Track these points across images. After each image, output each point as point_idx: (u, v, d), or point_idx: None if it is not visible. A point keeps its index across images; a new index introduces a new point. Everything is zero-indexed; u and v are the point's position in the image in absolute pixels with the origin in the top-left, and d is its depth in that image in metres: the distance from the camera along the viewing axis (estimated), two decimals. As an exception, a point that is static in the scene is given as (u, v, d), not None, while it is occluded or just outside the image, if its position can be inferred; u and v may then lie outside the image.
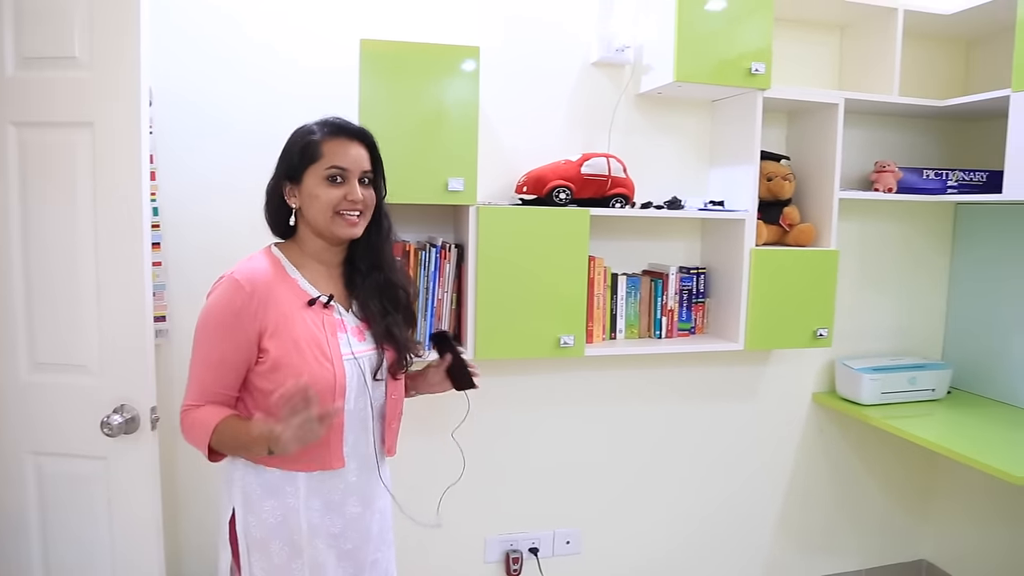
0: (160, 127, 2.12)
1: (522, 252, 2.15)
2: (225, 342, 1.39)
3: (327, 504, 1.48)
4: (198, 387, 1.43)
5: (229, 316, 1.38)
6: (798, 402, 2.82)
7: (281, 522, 1.44)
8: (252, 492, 1.44)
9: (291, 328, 1.41)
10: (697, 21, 2.20)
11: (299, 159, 1.46)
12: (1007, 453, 2.21)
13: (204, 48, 2.14)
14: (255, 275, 1.42)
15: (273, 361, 1.39)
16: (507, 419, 2.49)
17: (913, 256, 2.87)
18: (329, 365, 1.42)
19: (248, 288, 1.39)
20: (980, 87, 2.72)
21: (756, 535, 2.85)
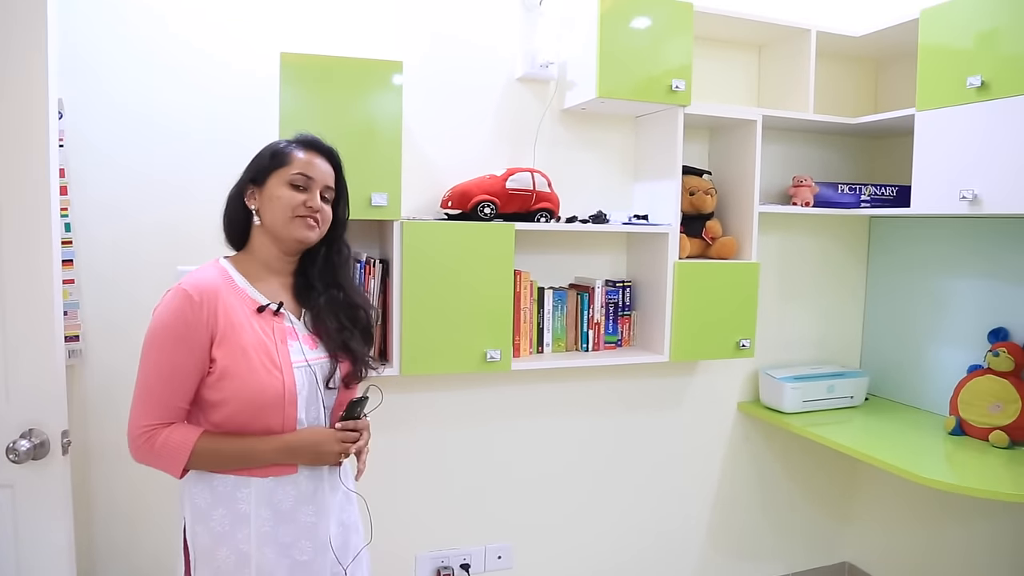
0: (73, 139, 2.05)
1: (447, 267, 2.15)
2: (178, 353, 1.37)
3: (277, 513, 1.44)
4: (156, 403, 1.39)
5: (180, 326, 1.37)
6: (723, 412, 2.88)
7: (229, 530, 1.42)
8: (202, 502, 1.42)
9: (238, 336, 1.40)
10: (619, 39, 2.25)
11: (268, 162, 1.49)
12: (921, 457, 2.30)
13: (121, 57, 2.08)
14: (202, 284, 1.41)
15: (221, 370, 1.38)
16: (436, 435, 2.47)
17: (831, 268, 2.98)
18: (278, 373, 1.41)
19: (196, 297, 1.38)
20: (889, 106, 2.85)
21: (685, 543, 2.89)
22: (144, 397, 1.39)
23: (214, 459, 1.40)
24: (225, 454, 1.40)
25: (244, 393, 1.38)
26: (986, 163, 2.12)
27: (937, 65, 2.26)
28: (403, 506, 2.45)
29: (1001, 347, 2.39)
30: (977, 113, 2.14)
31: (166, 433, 1.38)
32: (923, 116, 2.32)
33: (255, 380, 1.38)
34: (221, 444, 1.40)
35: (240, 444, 1.40)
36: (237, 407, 1.39)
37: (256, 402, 1.39)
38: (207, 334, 1.38)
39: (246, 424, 1.41)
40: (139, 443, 1.39)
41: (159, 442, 1.37)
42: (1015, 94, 2.03)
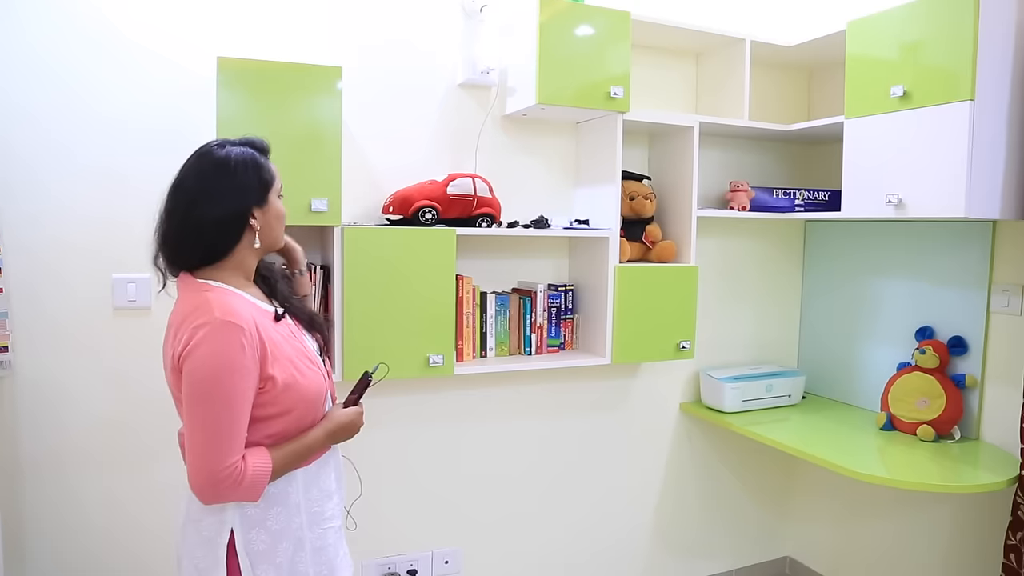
0: (21, 147, 2.01)
1: (389, 272, 2.15)
2: (245, 386, 1.36)
3: (322, 491, 1.54)
4: (235, 439, 1.36)
5: (240, 358, 1.35)
6: (666, 412, 2.93)
7: (285, 525, 1.47)
8: (253, 510, 1.44)
9: (281, 349, 1.45)
10: (558, 46, 2.28)
11: (259, 183, 1.48)
12: (854, 452, 2.38)
13: (50, 57, 2.03)
14: (239, 311, 1.38)
15: (282, 384, 1.41)
16: (380, 440, 2.47)
17: (769, 270, 3.06)
18: (317, 369, 1.52)
19: (245, 325, 1.36)
20: (821, 113, 2.95)
21: (633, 543, 2.93)
22: (220, 438, 1.34)
23: (282, 469, 1.44)
24: (289, 460, 1.45)
25: (304, 398, 1.46)
26: (909, 169, 2.21)
27: (863, 75, 2.35)
28: (348, 513, 2.43)
29: (927, 345, 2.49)
30: (900, 121, 2.23)
31: (250, 465, 1.37)
32: (851, 124, 2.40)
33: (308, 383, 1.47)
34: (286, 452, 1.44)
35: (296, 447, 1.46)
36: (299, 412, 1.46)
37: (312, 402, 1.49)
38: (258, 358, 1.39)
39: (301, 424, 1.48)
40: (227, 484, 1.34)
41: (248, 475, 1.36)
42: (934, 103, 2.12)
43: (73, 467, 2.13)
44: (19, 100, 2.02)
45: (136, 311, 2.16)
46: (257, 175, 1.48)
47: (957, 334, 2.48)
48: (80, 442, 2.13)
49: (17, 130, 2.02)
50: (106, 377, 2.15)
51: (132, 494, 2.20)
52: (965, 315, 2.47)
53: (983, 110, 2.04)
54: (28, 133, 2.03)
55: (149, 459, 2.19)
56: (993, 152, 2.08)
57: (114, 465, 2.17)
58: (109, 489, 2.17)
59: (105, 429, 2.16)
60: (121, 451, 2.18)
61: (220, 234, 1.45)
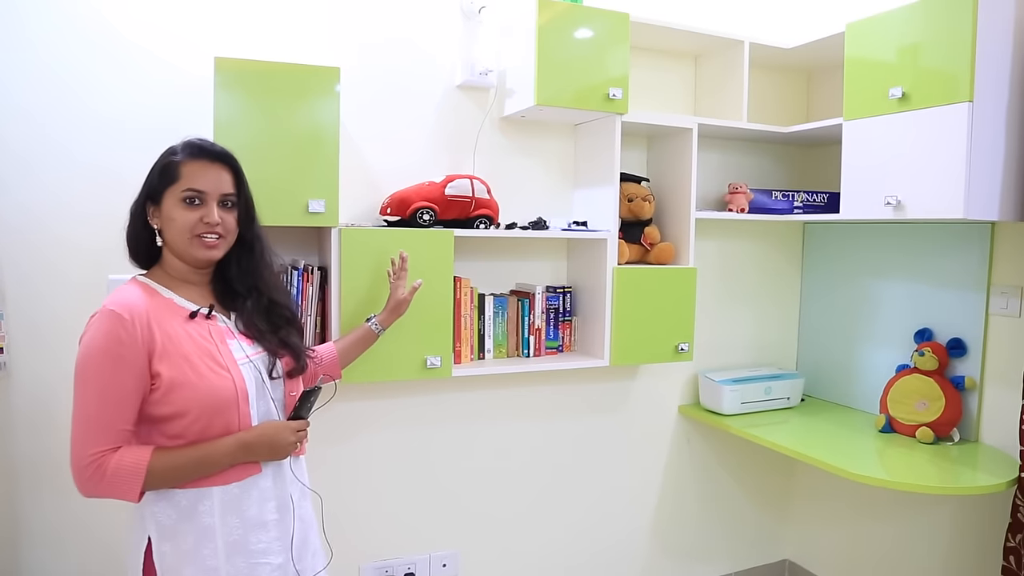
0: (20, 146, 2.01)
1: (386, 274, 2.14)
2: (117, 375, 1.32)
3: (244, 520, 1.43)
4: (100, 429, 1.33)
5: (114, 346, 1.32)
6: (665, 415, 2.92)
7: (193, 547, 1.39)
8: (166, 519, 1.39)
9: (178, 345, 1.39)
10: (557, 48, 2.27)
11: (159, 180, 1.45)
12: (853, 454, 2.37)
13: (48, 51, 2.03)
14: (128, 301, 1.37)
15: (168, 382, 1.35)
16: (377, 443, 2.46)
17: (767, 273, 3.05)
18: (226, 373, 1.42)
19: (127, 315, 1.34)
20: (820, 115, 2.94)
21: (631, 546, 2.92)
22: (86, 425, 1.33)
23: (171, 474, 1.36)
24: (182, 466, 1.37)
25: (198, 399, 1.37)
26: (908, 171, 2.20)
27: (862, 77, 2.35)
28: (346, 516, 2.42)
29: (926, 347, 2.49)
30: (899, 123, 2.22)
31: (116, 458, 1.32)
32: (850, 125, 2.40)
33: (206, 385, 1.38)
34: (176, 456, 1.37)
35: (195, 452, 1.38)
36: (194, 415, 1.37)
37: (211, 406, 1.39)
38: (144, 351, 1.34)
39: (204, 431, 1.39)
40: (88, 473, 1.32)
41: (111, 468, 1.32)
42: (933, 105, 2.12)
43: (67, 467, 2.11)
44: (17, 98, 2.01)
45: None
46: (159, 172, 1.45)
47: (956, 336, 2.47)
48: (76, 444, 2.12)
49: (13, 127, 2.01)
50: (102, 379, 2.13)
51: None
52: (964, 317, 2.46)
53: (982, 111, 2.04)
54: (25, 130, 2.02)
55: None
56: (992, 153, 2.08)
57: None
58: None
59: (101, 431, 2.14)
60: (117, 453, 2.16)
61: (130, 227, 1.49)
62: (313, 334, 2.16)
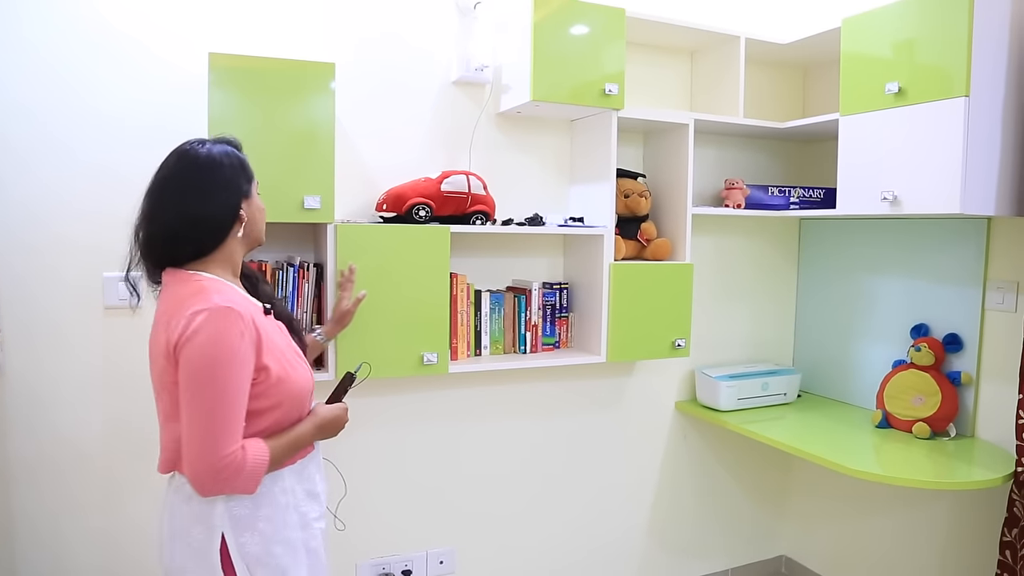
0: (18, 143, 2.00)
1: (382, 270, 2.13)
2: (243, 373, 1.36)
3: (307, 491, 1.54)
4: (234, 428, 1.35)
5: (239, 343, 1.35)
6: (662, 411, 2.92)
7: (279, 526, 1.46)
8: (242, 510, 1.41)
9: (275, 340, 1.47)
10: (553, 43, 2.27)
11: (244, 176, 1.52)
12: (850, 450, 2.37)
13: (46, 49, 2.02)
14: (233, 298, 1.40)
15: (276, 376, 1.42)
16: (374, 440, 2.45)
17: (764, 268, 3.05)
18: (305, 365, 1.55)
19: (243, 312, 1.37)
20: (817, 111, 2.94)
21: (628, 541, 2.92)
22: (219, 425, 1.33)
23: (276, 461, 1.43)
24: (283, 452, 1.45)
25: (292, 392, 1.46)
26: (904, 166, 2.20)
27: (858, 72, 2.34)
28: (342, 514, 2.40)
29: (922, 342, 2.49)
30: (895, 118, 2.22)
31: (250, 453, 1.36)
32: (846, 120, 2.39)
33: (298, 377, 1.48)
34: (280, 443, 1.44)
35: (288, 439, 1.46)
36: (289, 406, 1.46)
37: (301, 397, 1.49)
38: (254, 348, 1.39)
39: (289, 419, 1.48)
40: (227, 473, 1.33)
41: (248, 464, 1.35)
42: (929, 100, 2.12)
43: (65, 467, 2.11)
44: (15, 95, 1.99)
45: (127, 310, 2.14)
46: (243, 170, 1.52)
47: (952, 331, 2.48)
48: (72, 442, 2.11)
49: (12, 124, 2.00)
50: (97, 376, 2.13)
51: (127, 495, 2.18)
52: (960, 312, 2.46)
53: (978, 106, 2.04)
54: (23, 128, 2.01)
55: (143, 458, 2.17)
56: (988, 148, 2.07)
57: (108, 465, 2.16)
58: (103, 489, 2.16)
59: (97, 429, 2.14)
60: (114, 451, 2.16)
61: (212, 229, 1.46)
62: (310, 331, 2.15)
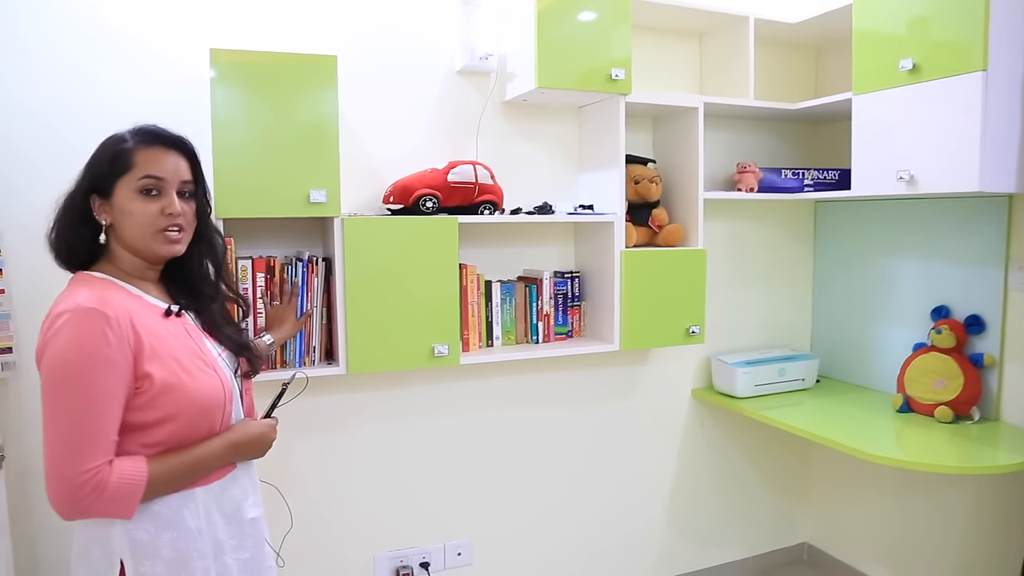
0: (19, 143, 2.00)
1: (391, 263, 2.12)
2: (108, 379, 1.20)
3: (226, 516, 1.39)
4: (95, 441, 1.19)
5: (102, 347, 1.19)
6: (678, 398, 2.89)
7: (184, 553, 1.30)
8: (143, 534, 1.27)
9: (166, 344, 1.29)
10: (557, 29, 2.24)
11: (109, 169, 1.32)
12: (870, 435, 2.34)
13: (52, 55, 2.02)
14: (107, 298, 1.23)
15: (160, 385, 1.25)
16: (389, 433, 2.44)
17: (779, 252, 3.01)
18: (214, 373, 1.36)
19: (109, 313, 1.21)
20: (830, 91, 2.88)
21: (646, 531, 2.90)
22: (76, 438, 1.18)
23: (167, 483, 1.27)
24: (177, 473, 1.28)
25: (192, 402, 1.29)
26: (920, 144, 2.15)
27: (871, 49, 2.29)
28: (358, 507, 2.42)
29: (943, 324, 2.44)
30: (910, 95, 2.17)
31: (116, 471, 1.20)
32: (859, 100, 2.34)
33: (198, 386, 1.30)
34: (170, 463, 1.27)
35: (189, 457, 1.30)
36: (185, 419, 1.29)
37: (203, 408, 1.32)
38: (130, 352, 1.23)
39: (191, 434, 1.31)
40: (84, 492, 1.17)
41: (112, 484, 1.19)
42: (945, 76, 2.06)
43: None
44: (19, 98, 1.99)
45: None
46: (109, 160, 1.32)
47: (974, 312, 2.42)
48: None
49: (17, 127, 2.00)
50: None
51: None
52: (982, 293, 2.41)
53: (996, 80, 1.98)
54: (29, 130, 2.01)
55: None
56: (1007, 124, 2.02)
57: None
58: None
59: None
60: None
61: (63, 224, 1.34)
62: (320, 326, 2.15)
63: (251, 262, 2.04)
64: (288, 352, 2.11)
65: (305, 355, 2.13)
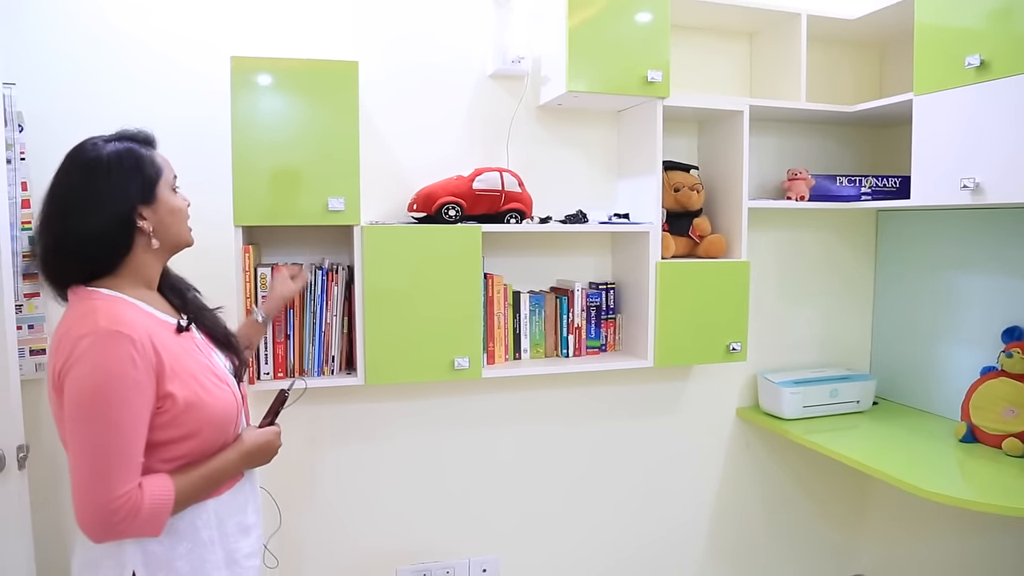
0: (36, 152, 2.03)
1: (412, 272, 2.07)
2: (137, 403, 1.21)
3: (237, 526, 1.40)
4: (128, 465, 1.20)
5: (131, 371, 1.19)
6: (721, 418, 2.74)
7: (199, 564, 1.32)
8: (158, 547, 1.28)
9: (183, 363, 1.30)
10: (590, 30, 2.14)
11: (144, 178, 1.34)
12: (928, 467, 2.15)
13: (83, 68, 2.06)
14: (128, 318, 1.24)
15: (184, 403, 1.26)
16: (413, 444, 2.40)
17: (836, 265, 2.82)
18: (227, 387, 1.37)
19: (134, 335, 1.21)
20: (896, 92, 2.67)
21: (686, 556, 2.76)
22: (112, 462, 1.19)
23: (189, 498, 1.29)
24: (199, 487, 1.30)
25: (212, 419, 1.31)
26: (987, 149, 1.96)
27: (935, 45, 2.11)
28: (380, 518, 2.38)
29: (1015, 347, 2.22)
30: (977, 95, 1.98)
31: (147, 494, 1.21)
32: (921, 100, 2.16)
33: (215, 402, 1.32)
34: (193, 478, 1.29)
35: (205, 472, 1.31)
36: (209, 434, 1.32)
37: (223, 422, 1.34)
38: (154, 373, 1.23)
39: (208, 448, 1.33)
40: (119, 518, 1.18)
41: (145, 505, 1.20)
42: (1016, 73, 1.87)
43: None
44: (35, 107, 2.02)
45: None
46: (138, 170, 1.33)
47: (1050, 335, 2.20)
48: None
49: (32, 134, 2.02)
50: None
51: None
52: (1059, 313, 2.18)
53: (1073, 78, 1.78)
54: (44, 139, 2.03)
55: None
56: (1085, 127, 1.81)
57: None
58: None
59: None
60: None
61: (104, 245, 1.30)
62: (340, 335, 2.12)
63: (270, 270, 2.03)
64: (307, 361, 2.09)
65: (324, 364, 2.11)
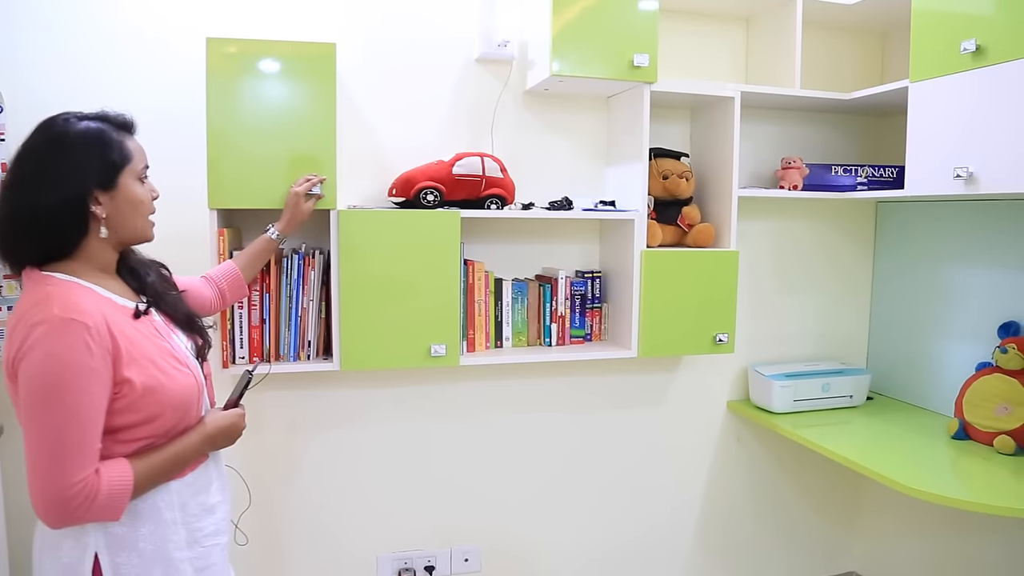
0: (15, 133, 2.02)
1: (389, 257, 2.05)
2: (93, 389, 1.19)
3: (200, 506, 1.40)
4: (84, 451, 1.19)
5: (85, 358, 1.18)
6: (711, 411, 2.70)
7: (161, 544, 1.31)
8: (118, 529, 1.27)
9: (141, 347, 1.28)
10: (575, 14, 2.10)
11: (106, 162, 1.30)
12: (918, 465, 2.09)
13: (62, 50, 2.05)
14: (82, 305, 1.21)
15: (142, 388, 1.25)
16: (393, 431, 2.38)
17: (832, 257, 2.75)
18: (187, 370, 1.36)
19: (89, 322, 1.19)
20: (897, 80, 2.60)
21: (673, 550, 2.72)
22: (68, 449, 1.17)
23: (149, 482, 1.28)
24: (159, 471, 1.29)
25: (171, 402, 1.30)
26: (982, 138, 1.90)
27: (931, 30, 2.04)
28: (359, 505, 2.37)
29: (1010, 343, 2.16)
30: (972, 81, 1.92)
31: (104, 479, 1.20)
32: (916, 88, 2.10)
33: (175, 386, 1.31)
34: (152, 462, 1.28)
35: (166, 456, 1.30)
36: (165, 419, 1.30)
37: (181, 406, 1.33)
38: (110, 359, 1.22)
39: (169, 431, 1.32)
40: (75, 504, 1.17)
41: (103, 492, 1.19)
42: (1013, 58, 1.80)
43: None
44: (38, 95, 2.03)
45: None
46: (102, 153, 1.29)
47: (1046, 331, 2.13)
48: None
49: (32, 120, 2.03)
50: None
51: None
52: (1056, 309, 2.11)
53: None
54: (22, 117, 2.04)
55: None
56: (1082, 114, 1.74)
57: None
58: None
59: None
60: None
61: (55, 224, 1.25)
62: (318, 320, 2.10)
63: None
64: (283, 346, 2.08)
65: (301, 349, 2.09)
